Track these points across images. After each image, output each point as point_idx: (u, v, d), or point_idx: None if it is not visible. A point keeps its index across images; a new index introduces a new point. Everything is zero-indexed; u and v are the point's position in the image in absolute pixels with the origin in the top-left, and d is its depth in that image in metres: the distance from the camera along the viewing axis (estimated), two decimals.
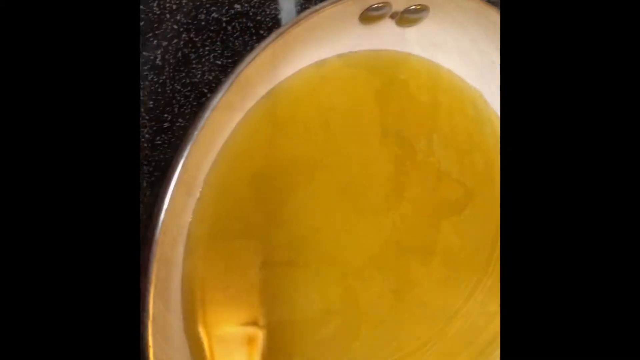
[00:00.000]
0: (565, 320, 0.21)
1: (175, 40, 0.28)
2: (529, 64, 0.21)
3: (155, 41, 0.28)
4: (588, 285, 0.21)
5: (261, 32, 0.30)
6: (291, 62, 0.28)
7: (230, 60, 0.29)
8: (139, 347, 0.22)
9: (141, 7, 0.27)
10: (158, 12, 0.28)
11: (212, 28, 0.29)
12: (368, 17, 0.28)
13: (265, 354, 0.28)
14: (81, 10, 0.19)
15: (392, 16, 0.29)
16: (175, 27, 0.28)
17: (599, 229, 0.21)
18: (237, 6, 0.29)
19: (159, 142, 0.29)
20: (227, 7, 0.29)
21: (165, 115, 0.29)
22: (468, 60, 0.32)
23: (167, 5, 0.28)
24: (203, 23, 0.29)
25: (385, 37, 0.30)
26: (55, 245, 0.19)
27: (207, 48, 0.29)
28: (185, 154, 0.23)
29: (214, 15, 0.29)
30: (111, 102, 0.19)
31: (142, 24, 0.28)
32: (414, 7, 0.29)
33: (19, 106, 0.18)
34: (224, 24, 0.29)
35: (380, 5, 0.28)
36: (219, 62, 0.29)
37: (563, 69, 0.21)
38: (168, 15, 0.28)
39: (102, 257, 0.19)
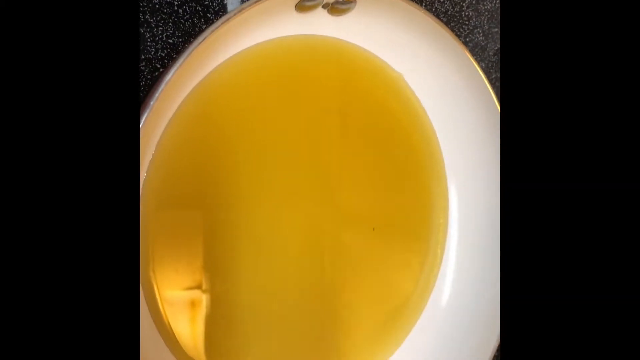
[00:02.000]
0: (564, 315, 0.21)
1: None
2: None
3: None
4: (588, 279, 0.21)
5: (209, 15, 0.32)
6: (235, 44, 0.30)
7: (180, 40, 0.31)
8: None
9: None
10: None
11: (165, 11, 0.31)
12: (303, 6, 0.31)
13: (210, 319, 0.31)
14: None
15: (324, 6, 0.32)
16: None
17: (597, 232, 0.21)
18: None
19: None
20: None
21: None
22: (390, 47, 0.36)
23: None
24: (157, 6, 0.30)
25: (318, 24, 0.33)
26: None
27: (160, 28, 0.31)
28: (143, 120, 0.26)
29: None
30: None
31: None
32: None
33: None
34: (175, 8, 0.31)
35: None
36: (170, 41, 0.31)
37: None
38: None
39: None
